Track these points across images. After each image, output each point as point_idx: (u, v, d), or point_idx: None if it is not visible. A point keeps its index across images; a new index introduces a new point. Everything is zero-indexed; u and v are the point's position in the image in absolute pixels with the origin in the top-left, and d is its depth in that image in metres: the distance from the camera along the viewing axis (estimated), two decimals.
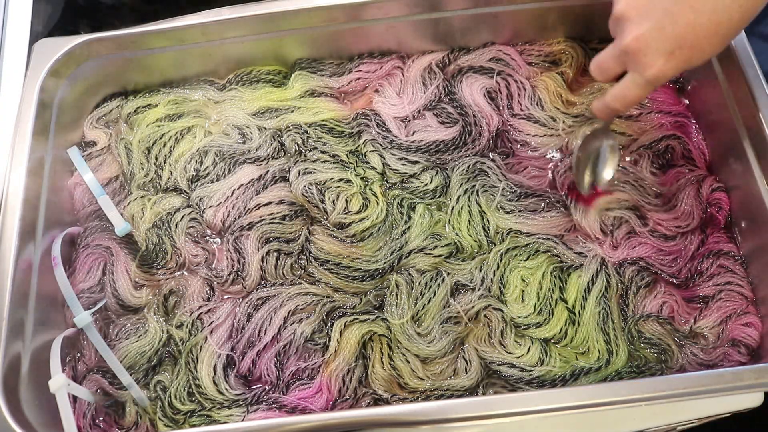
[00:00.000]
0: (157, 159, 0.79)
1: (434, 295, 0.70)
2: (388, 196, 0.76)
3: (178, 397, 0.68)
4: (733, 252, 0.72)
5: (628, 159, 0.77)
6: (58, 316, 0.72)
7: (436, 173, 0.77)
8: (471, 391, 0.67)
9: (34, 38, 0.79)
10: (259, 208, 0.75)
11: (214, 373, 0.68)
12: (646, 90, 0.61)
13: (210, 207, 0.75)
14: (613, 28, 0.61)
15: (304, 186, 0.75)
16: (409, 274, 0.71)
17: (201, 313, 0.71)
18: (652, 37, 0.57)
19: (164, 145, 0.79)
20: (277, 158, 0.79)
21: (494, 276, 0.71)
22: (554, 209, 0.75)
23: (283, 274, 0.73)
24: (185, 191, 0.77)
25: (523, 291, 0.71)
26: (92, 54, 0.77)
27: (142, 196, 0.77)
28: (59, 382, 0.63)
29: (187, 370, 0.69)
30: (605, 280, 0.70)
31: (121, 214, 0.75)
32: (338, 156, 0.78)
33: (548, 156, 0.78)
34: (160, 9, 0.82)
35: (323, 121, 0.80)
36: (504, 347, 0.68)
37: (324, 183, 0.76)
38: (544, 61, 0.83)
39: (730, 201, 0.74)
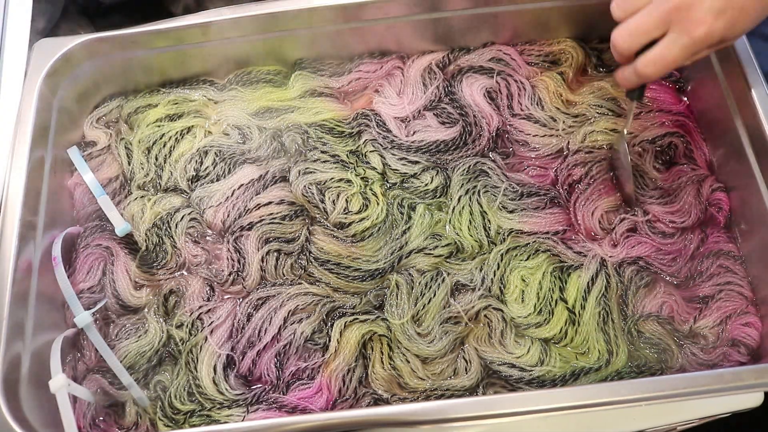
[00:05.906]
0: (157, 159, 0.79)
1: (434, 295, 0.70)
2: (388, 196, 0.76)
3: (178, 397, 0.68)
4: (733, 252, 0.72)
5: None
6: (58, 316, 0.72)
7: (437, 173, 0.77)
8: (471, 391, 0.67)
9: (34, 38, 0.79)
10: (259, 208, 0.75)
11: (214, 373, 0.68)
12: (687, 53, 0.59)
13: (210, 207, 0.75)
14: None
15: (304, 186, 0.75)
16: (410, 274, 0.71)
17: (201, 313, 0.71)
18: None
19: (164, 145, 0.79)
20: (277, 158, 0.79)
21: (494, 276, 0.71)
22: (556, 205, 0.75)
23: (283, 274, 0.73)
24: (185, 191, 0.77)
25: (523, 291, 0.71)
26: (92, 54, 0.77)
27: (142, 196, 0.77)
28: (59, 382, 0.63)
29: (187, 370, 0.69)
30: (605, 280, 0.70)
31: (121, 214, 0.75)
32: (338, 156, 0.78)
33: (548, 156, 0.78)
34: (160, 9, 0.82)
35: (323, 121, 0.80)
36: (504, 347, 0.68)
37: (324, 183, 0.76)
38: (544, 61, 0.83)
39: (730, 201, 0.74)
